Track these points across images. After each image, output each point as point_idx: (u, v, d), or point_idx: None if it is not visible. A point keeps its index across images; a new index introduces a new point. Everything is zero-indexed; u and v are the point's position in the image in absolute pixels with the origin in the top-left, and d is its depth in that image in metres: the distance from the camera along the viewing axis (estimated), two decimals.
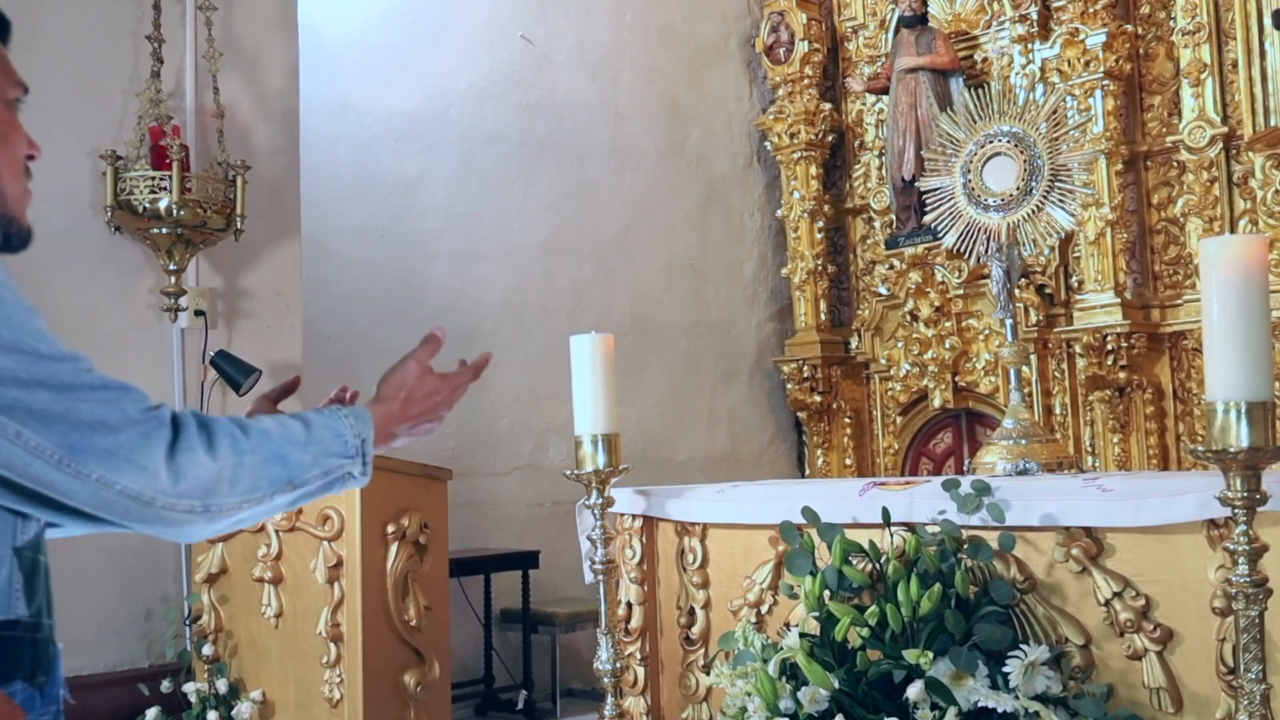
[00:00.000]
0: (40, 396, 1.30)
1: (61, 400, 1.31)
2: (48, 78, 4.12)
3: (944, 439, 7.21)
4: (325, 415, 1.53)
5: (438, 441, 6.34)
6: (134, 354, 4.23)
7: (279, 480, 1.43)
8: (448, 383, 1.74)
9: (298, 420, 1.49)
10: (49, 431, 1.30)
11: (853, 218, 7.61)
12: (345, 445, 1.51)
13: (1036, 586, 2.81)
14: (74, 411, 1.32)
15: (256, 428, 1.43)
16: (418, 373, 1.70)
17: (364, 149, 6.19)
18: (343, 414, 1.54)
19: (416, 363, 1.70)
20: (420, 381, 1.69)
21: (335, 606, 3.80)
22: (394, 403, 1.66)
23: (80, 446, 1.31)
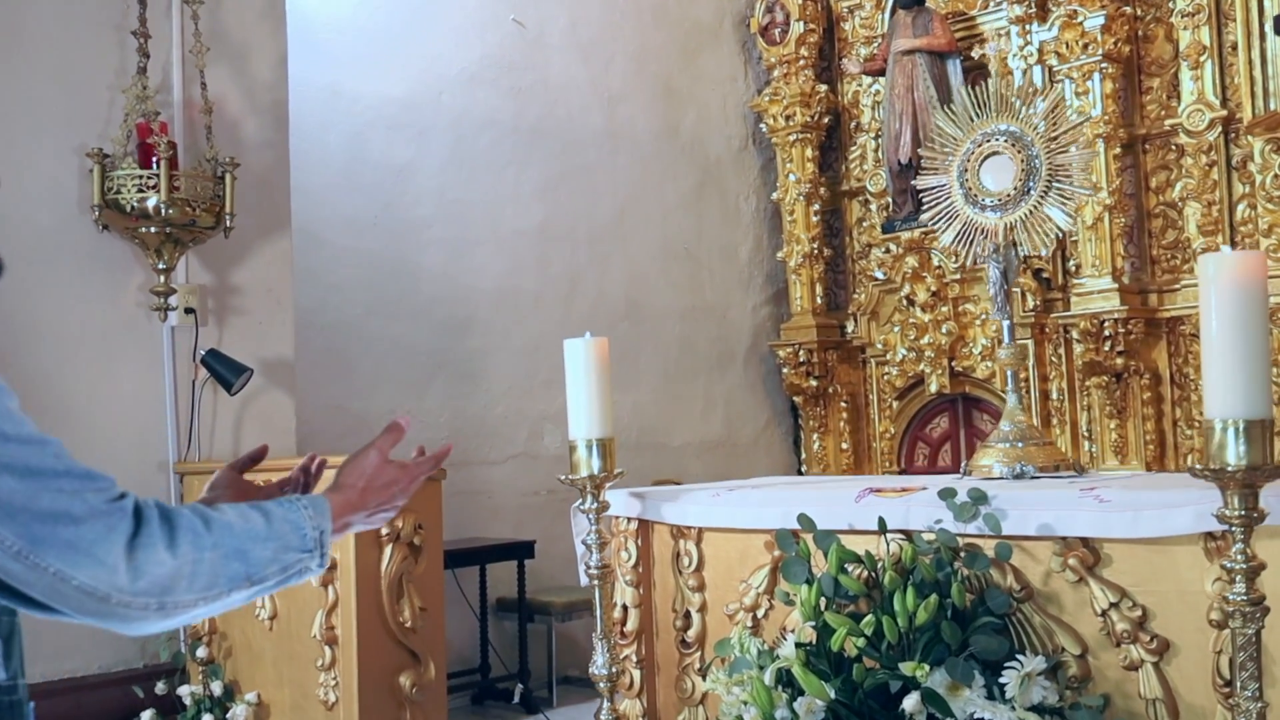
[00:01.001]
0: (4, 483, 1.28)
1: (26, 487, 1.29)
2: (32, 74, 4.08)
3: (940, 424, 7.19)
4: (285, 507, 1.51)
5: (432, 432, 6.33)
6: (124, 353, 4.20)
7: (237, 577, 1.41)
8: (407, 472, 1.70)
9: (258, 512, 1.47)
10: (10, 521, 1.27)
11: (849, 200, 7.57)
12: (304, 539, 1.50)
13: (1033, 595, 2.79)
14: (37, 500, 1.29)
15: (219, 521, 1.41)
16: (377, 462, 1.66)
17: (355, 136, 6.13)
18: (302, 505, 1.53)
19: (378, 452, 1.67)
20: (379, 471, 1.66)
21: (330, 610, 3.79)
22: (352, 491, 1.63)
23: (41, 538, 1.28)
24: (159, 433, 4.24)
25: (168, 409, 4.26)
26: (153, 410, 4.24)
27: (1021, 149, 3.25)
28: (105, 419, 4.14)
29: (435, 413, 6.37)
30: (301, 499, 1.55)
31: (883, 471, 7.25)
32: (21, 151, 4.03)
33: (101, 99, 4.17)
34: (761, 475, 7.72)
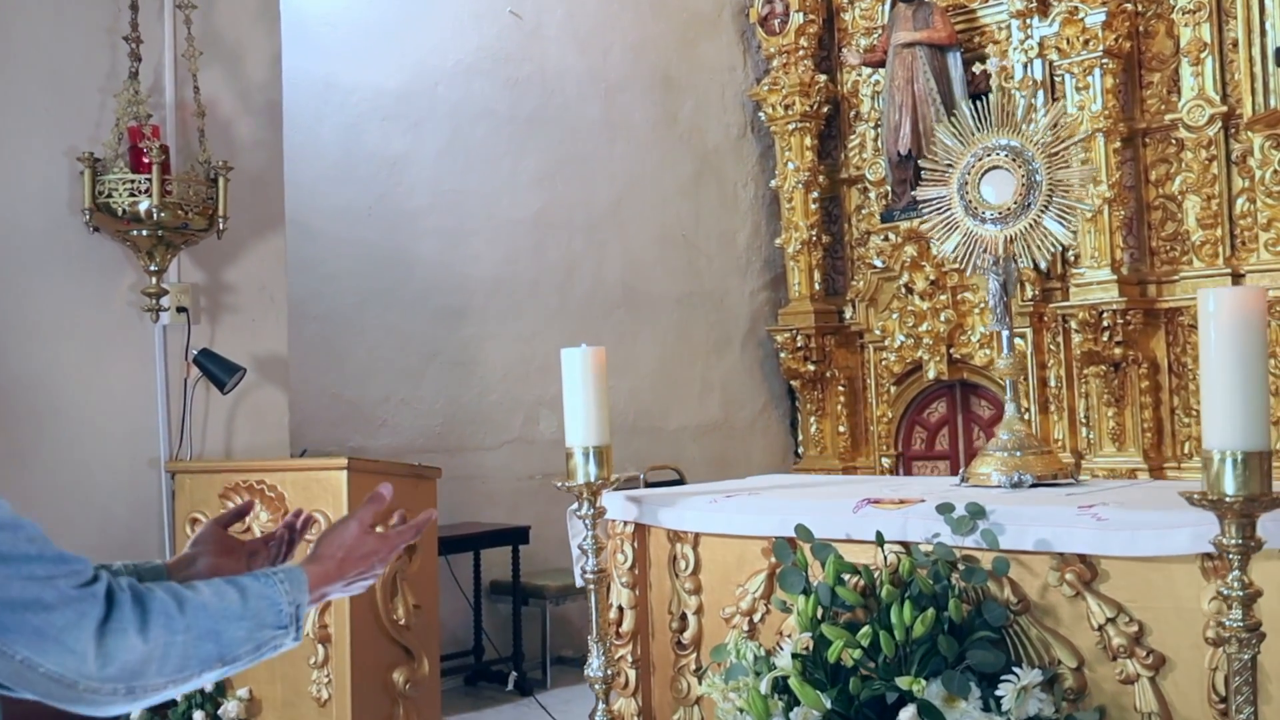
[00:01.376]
0: None
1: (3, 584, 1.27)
2: (22, 76, 4.04)
3: (938, 409, 7.20)
4: (261, 582, 1.49)
5: (428, 419, 6.34)
6: (115, 353, 4.18)
7: (209, 658, 1.40)
8: (386, 543, 1.68)
9: (234, 589, 1.46)
10: None
11: (848, 187, 7.55)
12: (279, 615, 1.48)
13: (1030, 608, 2.78)
14: (7, 588, 1.27)
15: (193, 603, 1.40)
16: (357, 534, 1.64)
17: (349, 128, 6.10)
18: (278, 579, 1.51)
19: (358, 524, 1.66)
20: (359, 542, 1.64)
21: (322, 609, 3.79)
22: (330, 563, 1.61)
23: (9, 625, 1.27)
24: (151, 431, 4.23)
25: (160, 407, 4.24)
26: (145, 409, 4.22)
27: (1022, 163, 3.23)
28: (97, 419, 4.13)
29: (430, 399, 6.38)
30: (278, 572, 1.53)
31: (880, 454, 7.26)
32: (11, 154, 4.00)
33: (92, 101, 4.13)
34: (758, 457, 7.80)
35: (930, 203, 3.44)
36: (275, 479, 3.88)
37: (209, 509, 3.99)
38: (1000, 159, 3.28)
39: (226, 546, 1.75)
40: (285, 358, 4.64)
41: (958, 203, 3.37)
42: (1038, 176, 3.26)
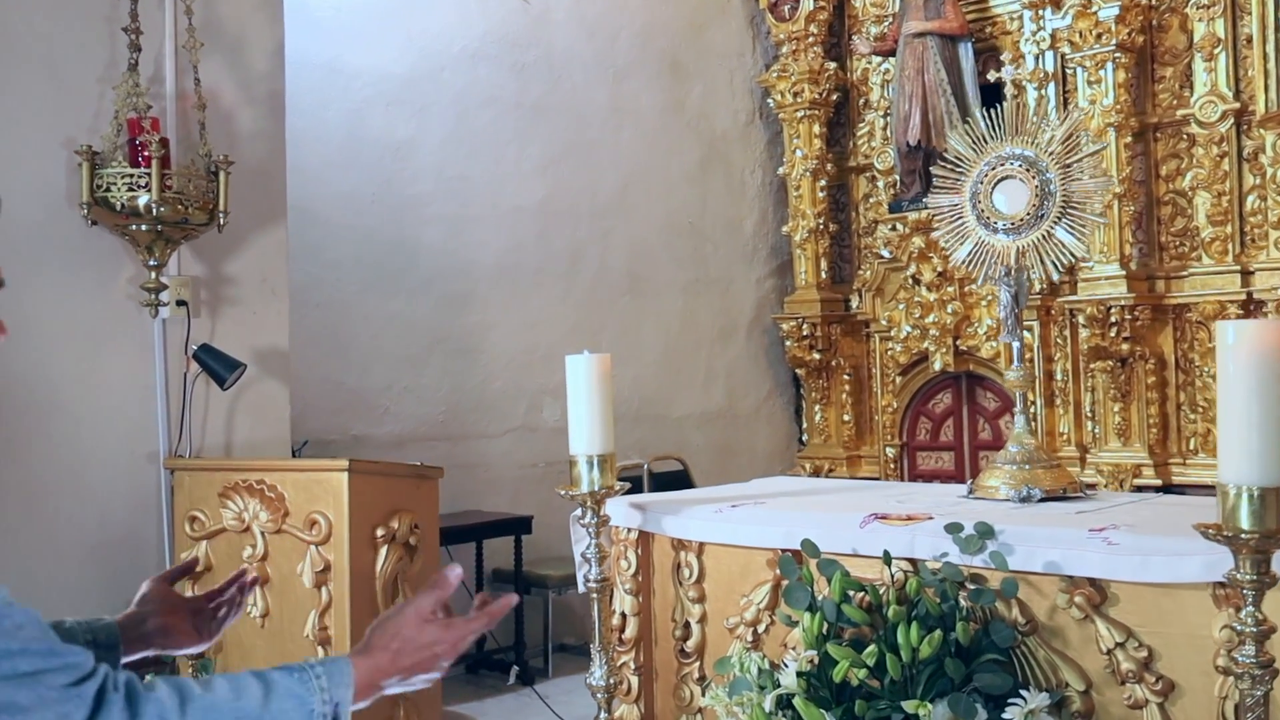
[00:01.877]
0: None
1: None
2: (20, 67, 3.97)
3: (943, 399, 7.15)
4: (294, 678, 1.36)
5: (429, 407, 6.31)
6: (114, 347, 4.13)
7: None
8: (453, 632, 1.51)
9: (259, 685, 1.33)
10: None
11: (856, 176, 7.49)
12: (310, 716, 1.35)
13: (1038, 629, 2.75)
14: None
15: (200, 703, 1.29)
16: (415, 623, 1.49)
17: (354, 113, 6.05)
18: (315, 674, 1.37)
19: (416, 612, 1.50)
20: (418, 632, 1.48)
21: (323, 610, 3.77)
22: (384, 655, 1.46)
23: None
24: (150, 427, 4.18)
25: (159, 402, 4.19)
26: (143, 404, 4.17)
27: (1036, 174, 3.17)
28: (94, 413, 4.08)
29: (433, 387, 6.35)
30: (317, 665, 1.39)
31: (885, 444, 7.21)
32: (8, 145, 3.93)
33: (91, 93, 4.05)
34: (762, 445, 7.78)
35: (942, 211, 3.39)
36: (275, 479, 3.84)
37: (208, 508, 3.96)
38: (1013, 169, 3.23)
39: (171, 605, 1.65)
40: (286, 351, 4.59)
41: (970, 212, 3.32)
42: (1051, 187, 3.21)
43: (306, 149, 5.66)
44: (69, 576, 3.98)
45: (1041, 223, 3.15)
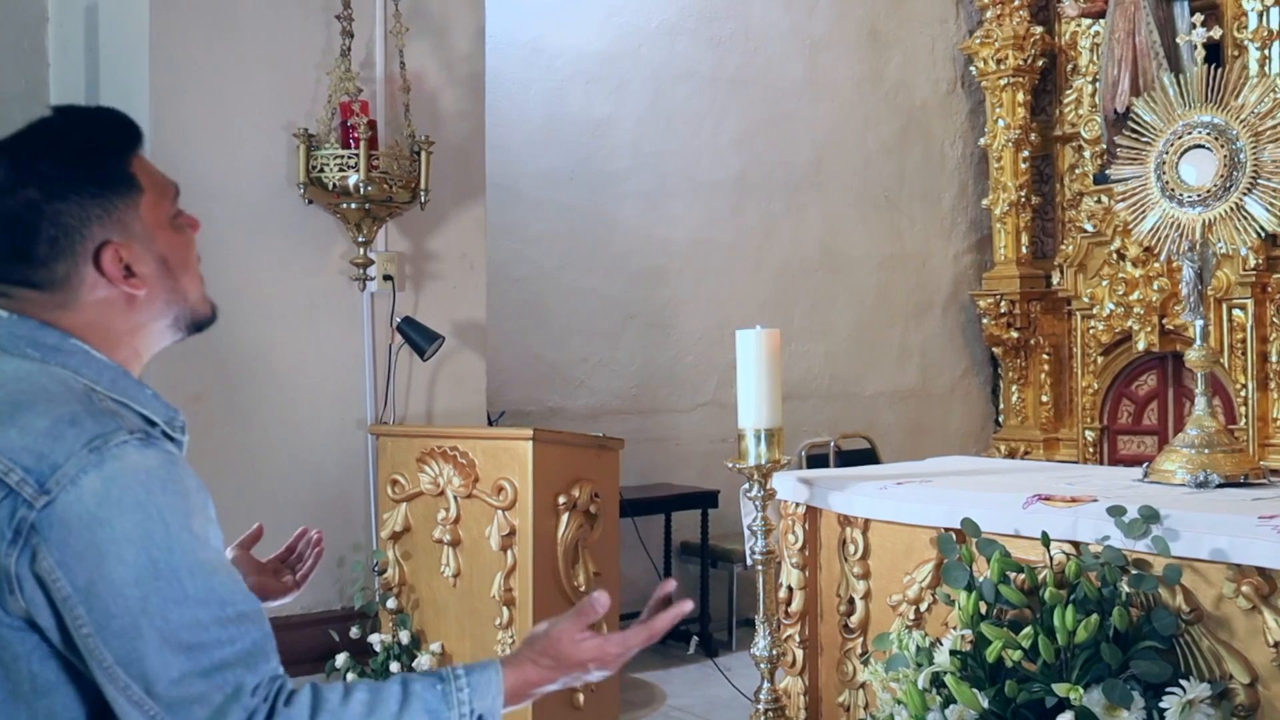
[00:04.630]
0: (170, 662, 1.31)
1: (184, 664, 1.32)
2: (247, 57, 4.31)
3: (1147, 381, 6.90)
4: (435, 691, 1.41)
5: (621, 380, 6.47)
6: (327, 318, 4.45)
7: None
8: (614, 644, 1.56)
9: (395, 698, 1.39)
10: (153, 691, 1.31)
11: (1061, 145, 7.26)
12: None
13: (1203, 618, 2.69)
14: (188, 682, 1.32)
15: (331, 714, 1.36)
16: (570, 642, 1.53)
17: (554, 92, 6.23)
18: (457, 686, 1.43)
19: (567, 637, 1.53)
20: (575, 649, 1.53)
21: (509, 572, 3.97)
22: (535, 669, 1.51)
23: (181, 716, 1.31)
24: (358, 394, 4.49)
25: (366, 372, 4.50)
26: (353, 373, 4.48)
27: (1225, 143, 3.06)
28: (309, 380, 4.41)
29: (627, 361, 6.51)
30: (464, 676, 1.44)
31: (1084, 427, 7.01)
32: (237, 130, 4.28)
33: (308, 78, 4.36)
34: (957, 425, 7.67)
35: (1125, 182, 3.31)
36: (467, 445, 4.07)
37: (407, 471, 4.22)
38: (1202, 136, 3.12)
39: (256, 566, 1.85)
40: (483, 324, 4.83)
41: (1154, 183, 3.23)
42: (1241, 156, 3.09)
43: (508, 128, 5.89)
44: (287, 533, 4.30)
45: (1230, 194, 3.03)
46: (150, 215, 1.49)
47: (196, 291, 1.56)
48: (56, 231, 1.42)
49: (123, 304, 1.47)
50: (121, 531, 1.30)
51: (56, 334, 1.43)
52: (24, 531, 1.30)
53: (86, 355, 1.44)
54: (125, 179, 1.47)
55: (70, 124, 1.52)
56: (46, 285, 1.44)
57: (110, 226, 1.45)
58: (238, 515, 4.19)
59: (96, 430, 1.34)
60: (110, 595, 1.30)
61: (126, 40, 4.29)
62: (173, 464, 1.38)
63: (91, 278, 1.44)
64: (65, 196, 1.42)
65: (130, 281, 1.46)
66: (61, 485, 1.30)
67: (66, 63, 4.71)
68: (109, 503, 1.30)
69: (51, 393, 1.38)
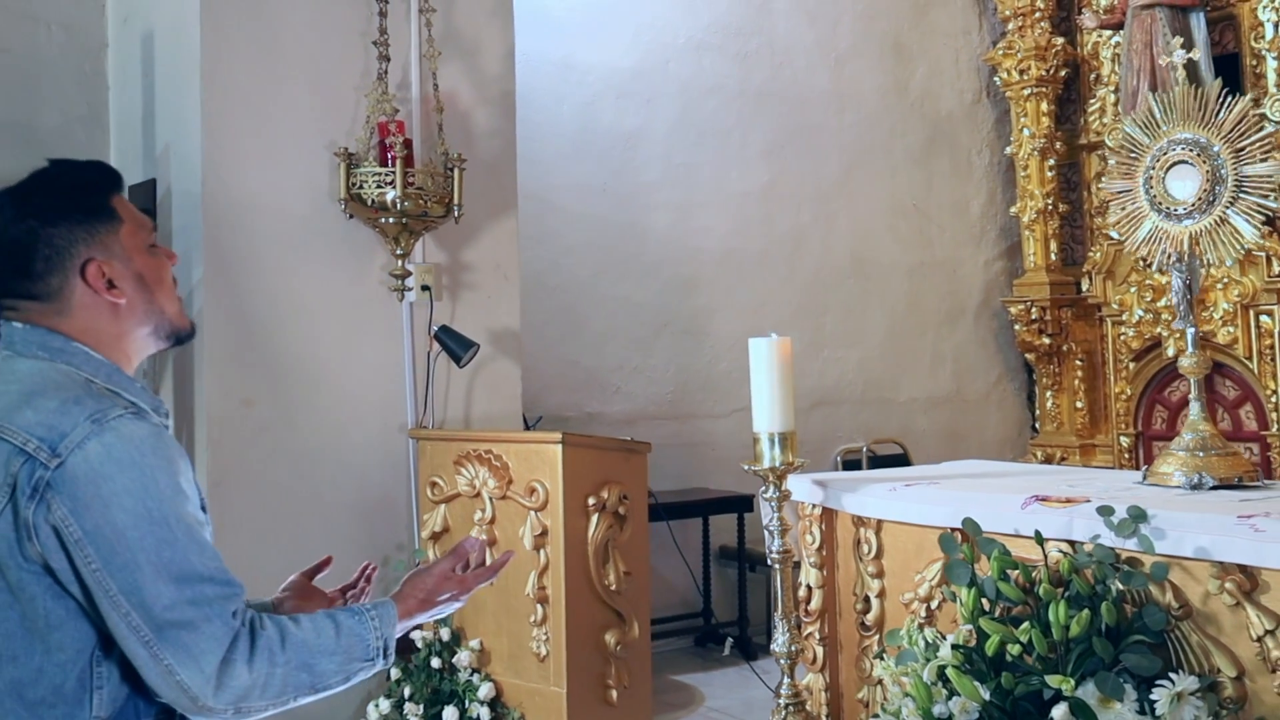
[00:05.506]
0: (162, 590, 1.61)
1: (175, 594, 1.61)
2: (291, 80, 4.53)
3: (1179, 387, 6.94)
4: (356, 619, 1.77)
5: (658, 386, 6.64)
6: (368, 328, 4.65)
7: (303, 686, 1.69)
8: (464, 585, 1.94)
9: (330, 625, 1.74)
10: (149, 615, 1.60)
11: (1087, 154, 7.36)
12: (367, 649, 1.76)
13: (1192, 614, 2.82)
14: (179, 610, 1.61)
15: (294, 638, 1.69)
16: (438, 581, 1.92)
17: (586, 106, 6.42)
18: (370, 615, 1.78)
19: (439, 574, 1.92)
20: (440, 585, 1.91)
21: (542, 571, 4.15)
22: (413, 601, 1.89)
23: (167, 636, 1.60)
24: (399, 400, 4.69)
25: (406, 378, 4.70)
26: (393, 379, 4.68)
27: (1207, 159, 3.19)
28: (352, 387, 4.61)
29: (661, 368, 6.67)
30: (371, 608, 1.80)
31: (1119, 433, 7.09)
32: (283, 149, 4.50)
33: (348, 100, 4.59)
34: (992, 431, 7.77)
35: (1117, 195, 3.44)
36: (501, 449, 4.26)
37: (445, 474, 4.42)
38: (1185, 153, 3.25)
39: (309, 595, 2.06)
40: (518, 332, 5.02)
41: (1143, 197, 3.36)
42: (1223, 172, 3.21)
43: (542, 142, 6.09)
44: (333, 533, 4.49)
45: (1214, 208, 3.16)
46: (128, 241, 1.81)
47: (173, 307, 1.87)
48: (50, 251, 1.75)
49: (108, 312, 1.78)
50: (121, 485, 1.61)
51: (61, 338, 1.75)
52: (40, 489, 1.60)
53: (86, 354, 1.76)
54: (106, 211, 1.81)
55: (62, 170, 1.84)
56: (44, 296, 1.76)
57: (94, 247, 1.77)
58: (286, 516, 4.47)
59: (97, 407, 1.65)
60: (114, 536, 1.59)
61: (180, 66, 4.53)
62: (160, 435, 1.69)
63: (80, 289, 1.76)
64: (56, 223, 1.76)
65: (112, 293, 1.78)
66: (70, 449, 1.61)
67: (125, 87, 4.97)
68: (110, 462, 1.61)
69: (58, 382, 1.69)
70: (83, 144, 4.95)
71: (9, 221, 1.75)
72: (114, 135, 5.08)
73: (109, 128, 5.09)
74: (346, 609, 1.80)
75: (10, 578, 1.62)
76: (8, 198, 1.77)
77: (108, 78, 5.10)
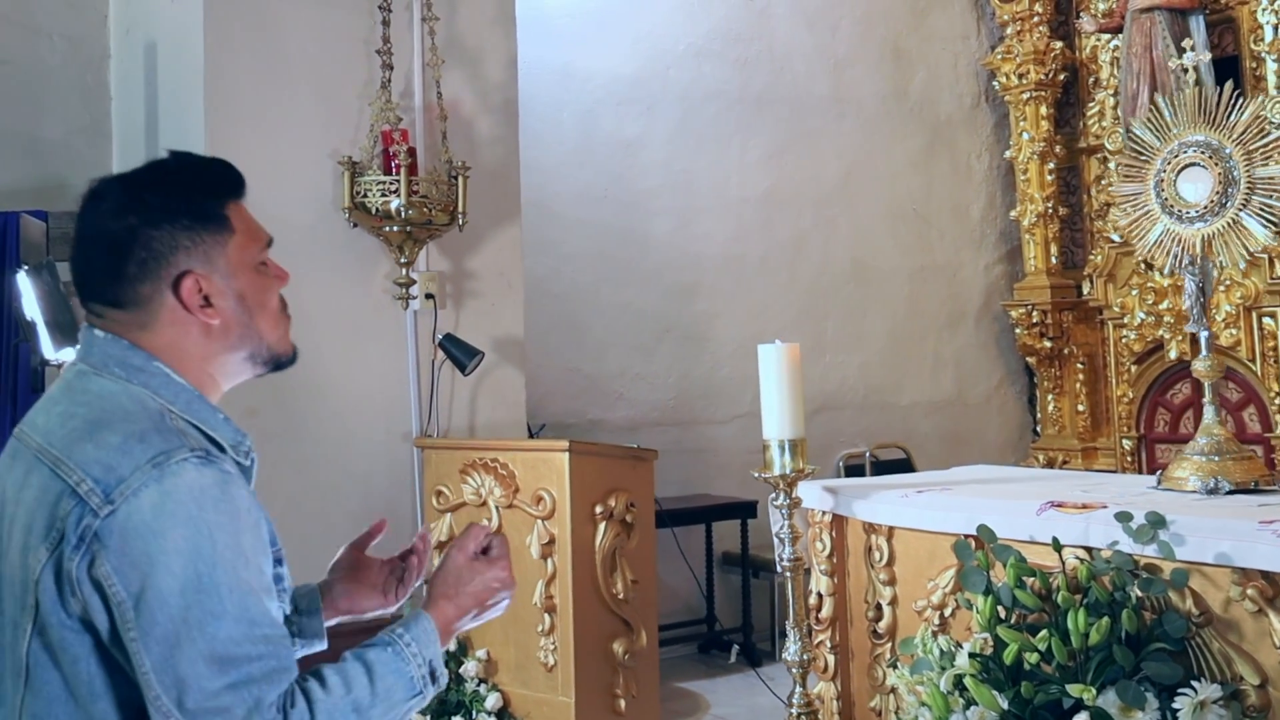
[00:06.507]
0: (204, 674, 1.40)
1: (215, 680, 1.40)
2: (296, 89, 4.52)
3: (1182, 390, 6.94)
4: (390, 653, 1.54)
5: (660, 392, 6.61)
6: (373, 337, 4.64)
7: None
8: (496, 564, 1.70)
9: (363, 671, 1.51)
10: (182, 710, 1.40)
11: (1087, 157, 7.35)
12: (411, 685, 1.55)
13: (1213, 621, 2.80)
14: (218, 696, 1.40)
15: (323, 706, 1.46)
16: (466, 563, 1.69)
17: (586, 114, 6.40)
18: (406, 642, 1.56)
19: (462, 553, 1.70)
20: (471, 573, 1.68)
21: (549, 580, 4.13)
22: (449, 603, 1.66)
23: None
24: (404, 408, 4.67)
25: (411, 387, 4.68)
26: (398, 388, 4.67)
27: (1219, 161, 3.18)
28: (357, 396, 4.59)
29: (663, 375, 6.64)
30: (403, 632, 1.57)
31: (1121, 436, 7.07)
32: (287, 158, 4.49)
33: (352, 108, 4.57)
34: (994, 434, 7.75)
35: (1127, 199, 3.42)
36: (507, 457, 4.24)
37: (451, 483, 4.40)
38: (1196, 155, 3.23)
39: (362, 568, 1.86)
40: (522, 340, 5.00)
41: (1154, 200, 3.34)
42: (1236, 174, 3.20)
43: (543, 149, 6.06)
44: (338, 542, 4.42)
45: (1227, 210, 3.14)
46: (236, 255, 1.62)
47: (274, 332, 1.69)
48: (146, 254, 1.56)
49: (198, 331, 1.59)
50: (172, 543, 1.41)
51: (143, 356, 1.56)
52: (87, 538, 1.42)
53: (167, 378, 1.56)
54: (217, 218, 1.61)
55: (180, 165, 1.64)
56: (130, 304, 1.57)
57: (195, 257, 1.58)
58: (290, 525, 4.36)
59: (162, 447, 1.45)
60: (156, 603, 1.40)
61: (183, 76, 4.51)
62: (227, 483, 1.47)
63: (170, 302, 1.57)
64: (159, 225, 1.56)
65: (206, 311, 1.59)
66: (125, 496, 1.41)
67: (127, 98, 4.95)
68: (164, 515, 1.41)
69: (129, 411, 1.50)
70: (85, 155, 4.93)
71: (110, 214, 1.56)
72: (117, 146, 5.06)
73: (111, 138, 5.07)
74: (378, 643, 1.56)
75: (52, 636, 1.45)
76: (117, 186, 1.59)
77: (110, 89, 5.08)
